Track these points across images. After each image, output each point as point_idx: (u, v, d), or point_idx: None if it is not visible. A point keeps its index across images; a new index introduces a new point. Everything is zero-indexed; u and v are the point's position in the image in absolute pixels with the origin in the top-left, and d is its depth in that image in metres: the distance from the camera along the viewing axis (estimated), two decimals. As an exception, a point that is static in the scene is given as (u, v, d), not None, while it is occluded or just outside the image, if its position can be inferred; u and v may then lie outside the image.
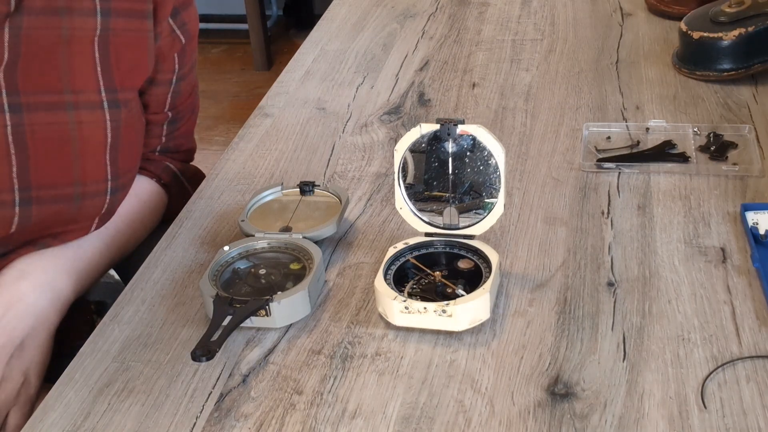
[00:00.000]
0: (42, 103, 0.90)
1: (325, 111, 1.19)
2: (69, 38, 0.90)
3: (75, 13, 0.91)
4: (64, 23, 0.90)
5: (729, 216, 0.89)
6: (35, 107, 0.89)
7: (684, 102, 1.12)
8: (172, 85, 1.05)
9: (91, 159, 0.94)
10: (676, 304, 0.78)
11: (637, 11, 1.40)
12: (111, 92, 0.95)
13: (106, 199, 0.97)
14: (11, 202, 0.90)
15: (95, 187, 0.95)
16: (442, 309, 0.75)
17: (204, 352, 0.72)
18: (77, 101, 0.92)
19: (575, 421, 0.68)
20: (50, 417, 0.73)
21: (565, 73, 1.23)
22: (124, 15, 0.95)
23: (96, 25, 0.92)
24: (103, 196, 0.96)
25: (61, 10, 0.90)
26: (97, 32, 0.92)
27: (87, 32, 0.92)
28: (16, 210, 0.90)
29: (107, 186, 0.96)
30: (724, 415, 0.67)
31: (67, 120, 0.91)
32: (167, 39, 1.01)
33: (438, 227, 0.84)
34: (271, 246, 0.87)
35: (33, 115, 0.89)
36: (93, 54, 0.92)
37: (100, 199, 0.96)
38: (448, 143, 0.82)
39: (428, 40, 1.37)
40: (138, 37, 0.97)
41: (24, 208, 0.91)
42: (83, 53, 0.92)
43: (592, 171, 0.99)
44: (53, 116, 0.91)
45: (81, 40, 0.91)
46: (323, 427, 0.69)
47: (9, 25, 0.86)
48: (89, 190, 0.95)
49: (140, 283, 0.88)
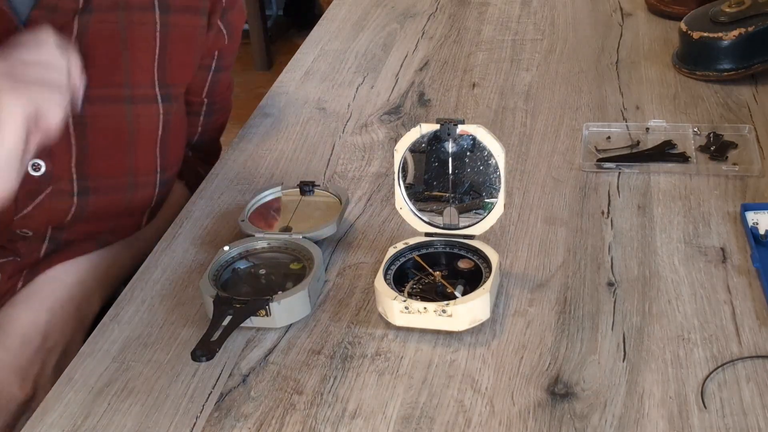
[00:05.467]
0: (102, 96, 0.92)
1: (325, 111, 1.19)
2: (129, 34, 0.93)
3: (135, 8, 0.93)
4: (125, 18, 0.92)
5: (729, 216, 0.89)
6: (96, 100, 0.91)
7: (684, 102, 1.12)
8: (210, 72, 1.07)
9: (144, 151, 0.97)
10: (676, 304, 0.78)
11: (637, 11, 1.40)
12: (164, 87, 0.97)
13: (155, 191, 1.00)
14: (69, 192, 0.93)
15: (146, 178, 0.99)
16: (442, 309, 0.75)
17: (204, 352, 0.72)
18: (135, 95, 0.95)
19: (575, 421, 0.68)
20: (50, 417, 0.73)
21: (565, 73, 1.23)
22: (182, 11, 0.97)
23: (155, 19, 0.94)
24: (153, 188, 1.00)
25: (121, 5, 0.92)
26: (158, 27, 0.94)
27: (147, 27, 0.94)
28: (74, 200, 0.94)
29: (156, 178, 1.00)
30: (724, 415, 0.67)
31: (125, 113, 0.94)
32: (213, 36, 1.03)
33: (438, 227, 0.84)
34: (271, 246, 0.87)
35: (93, 107, 0.91)
36: (153, 49, 0.95)
37: (150, 190, 1.00)
38: (448, 143, 0.82)
39: (428, 40, 1.37)
40: (192, 33, 1.00)
41: (81, 198, 0.94)
42: (143, 48, 0.94)
43: (592, 171, 0.99)
44: (112, 109, 0.94)
45: (141, 35, 0.94)
46: (323, 427, 0.69)
47: (78, 22, 0.89)
48: (140, 180, 0.98)
49: (140, 283, 0.88)
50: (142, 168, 0.98)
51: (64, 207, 0.93)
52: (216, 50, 1.06)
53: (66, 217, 0.94)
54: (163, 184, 1.01)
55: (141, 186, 0.99)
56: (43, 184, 0.92)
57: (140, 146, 0.97)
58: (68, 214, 0.94)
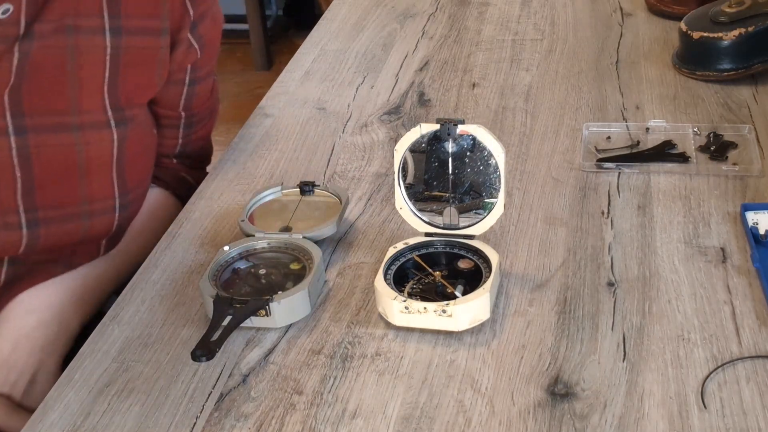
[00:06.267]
0: (48, 124, 0.89)
1: (325, 111, 1.19)
2: (76, 58, 0.89)
3: (83, 32, 0.89)
4: (71, 42, 0.88)
5: (729, 216, 0.89)
6: (41, 129, 0.88)
7: (684, 102, 1.12)
8: (185, 86, 1.04)
9: (98, 177, 0.94)
10: (676, 304, 0.78)
11: (637, 11, 1.40)
12: (117, 111, 0.93)
13: (115, 216, 0.96)
14: (17, 223, 0.89)
15: (103, 204, 0.95)
16: (442, 309, 0.75)
17: (204, 352, 0.72)
18: (83, 122, 0.91)
19: (575, 421, 0.68)
20: (50, 417, 0.73)
21: (565, 73, 1.23)
22: (136, 33, 0.93)
23: (105, 44, 0.90)
24: (112, 213, 0.96)
25: (69, 30, 0.88)
26: (108, 51, 0.91)
27: (96, 51, 0.90)
28: (23, 231, 0.90)
29: (115, 203, 0.96)
30: (724, 415, 0.67)
31: (73, 141, 0.91)
32: (183, 51, 1.00)
33: (438, 227, 0.84)
34: (271, 246, 0.87)
35: (38, 136, 0.88)
36: (102, 74, 0.91)
37: (109, 216, 0.96)
38: (448, 143, 0.82)
39: (428, 40, 1.37)
40: (149, 55, 0.96)
41: (31, 229, 0.90)
42: (91, 73, 0.90)
43: (592, 171, 0.99)
44: (59, 138, 0.90)
45: (89, 59, 0.90)
46: (323, 427, 0.69)
47: (18, 50, 0.85)
48: (97, 207, 0.94)
49: (140, 283, 0.88)
50: (98, 195, 0.94)
51: (13, 240, 0.90)
52: (188, 64, 1.02)
53: (18, 249, 0.91)
54: (125, 207, 0.97)
55: (98, 213, 0.95)
56: None
57: (93, 173, 0.93)
58: (20, 246, 0.90)
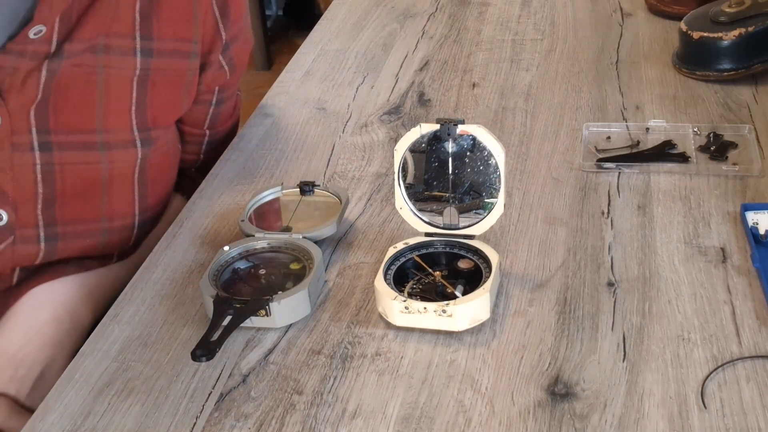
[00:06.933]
0: (73, 142, 0.89)
1: (325, 111, 1.19)
2: (106, 78, 0.89)
3: (113, 52, 0.89)
4: (101, 61, 0.89)
5: (729, 216, 0.89)
6: (66, 146, 0.88)
7: (684, 102, 1.12)
8: (211, 105, 1.05)
9: (120, 195, 0.94)
10: (676, 304, 0.78)
11: (637, 11, 1.40)
12: (144, 131, 0.94)
13: (133, 233, 0.97)
14: (35, 237, 0.90)
15: (122, 222, 0.96)
16: (442, 309, 0.75)
17: (204, 352, 0.72)
18: (109, 141, 0.91)
19: (575, 421, 0.68)
20: (50, 417, 0.73)
21: (565, 73, 1.23)
22: (168, 56, 0.94)
23: (136, 65, 0.91)
24: (131, 230, 0.97)
25: (99, 49, 0.88)
26: (137, 72, 0.91)
27: (126, 72, 0.91)
28: (41, 246, 0.90)
29: (135, 221, 0.96)
30: (724, 415, 0.67)
31: (98, 159, 0.91)
32: (213, 73, 1.00)
33: (438, 227, 0.84)
34: (271, 246, 0.87)
35: (64, 153, 0.88)
36: (130, 94, 0.91)
37: (127, 233, 0.97)
38: (448, 143, 0.82)
39: (428, 40, 1.37)
40: (178, 77, 0.96)
41: (49, 243, 0.91)
42: (119, 93, 0.91)
43: (592, 171, 0.99)
44: (84, 156, 0.90)
45: (118, 80, 0.90)
46: (323, 427, 0.69)
47: (47, 67, 0.85)
48: (116, 225, 0.95)
49: (140, 283, 0.88)
50: (118, 212, 0.95)
51: (30, 253, 0.90)
52: (217, 86, 1.03)
53: (34, 261, 0.91)
54: (143, 225, 0.98)
55: (117, 230, 0.95)
56: (5, 234, 0.88)
57: (115, 191, 0.94)
58: (36, 259, 0.91)
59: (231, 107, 1.10)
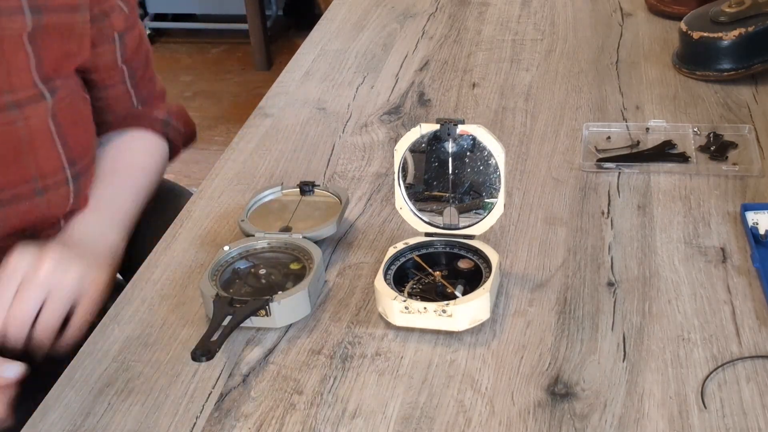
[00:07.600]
0: None
1: (325, 111, 1.19)
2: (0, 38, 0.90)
3: (2, 13, 0.91)
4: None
5: (729, 216, 0.89)
6: None
7: (684, 102, 1.12)
8: (116, 42, 1.06)
9: (44, 151, 0.96)
10: (676, 304, 0.78)
11: (637, 11, 1.40)
12: (47, 82, 0.95)
13: (69, 188, 0.98)
14: None
15: (54, 178, 0.97)
16: (442, 309, 0.75)
17: (204, 352, 0.72)
18: (19, 99, 0.93)
19: (575, 421, 0.68)
20: (50, 417, 0.73)
21: (565, 73, 1.23)
22: (56, 11, 0.95)
23: (26, 23, 0.92)
24: (65, 185, 0.98)
25: None
26: (28, 29, 0.92)
27: (16, 30, 0.92)
28: None
29: (66, 174, 0.98)
30: (724, 415, 0.67)
31: (14, 119, 0.93)
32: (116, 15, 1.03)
33: (438, 227, 0.84)
34: (271, 246, 0.87)
35: None
36: (25, 51, 0.93)
37: (64, 189, 0.98)
38: (448, 143, 0.82)
39: (428, 40, 1.37)
40: (69, 29, 0.98)
41: None
42: (15, 51, 0.92)
43: (592, 171, 0.99)
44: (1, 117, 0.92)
45: (11, 39, 0.92)
46: (323, 427, 0.69)
47: None
48: (49, 182, 0.96)
49: (140, 283, 0.88)
50: (48, 169, 0.96)
51: None
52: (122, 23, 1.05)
53: None
54: (78, 176, 0.99)
55: (51, 188, 0.96)
56: None
57: (38, 147, 0.95)
58: None
59: (136, 36, 1.11)
